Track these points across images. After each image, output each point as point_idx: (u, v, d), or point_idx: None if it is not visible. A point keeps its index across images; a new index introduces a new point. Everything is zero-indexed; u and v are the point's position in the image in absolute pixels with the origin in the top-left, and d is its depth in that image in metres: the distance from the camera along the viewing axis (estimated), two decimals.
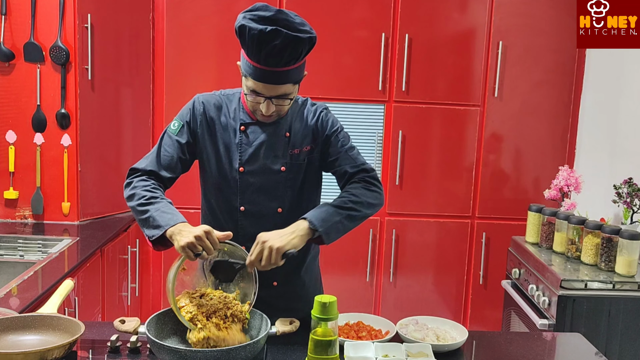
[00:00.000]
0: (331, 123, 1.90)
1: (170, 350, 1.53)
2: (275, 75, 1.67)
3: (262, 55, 1.63)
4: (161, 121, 3.50)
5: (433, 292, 3.67)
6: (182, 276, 1.70)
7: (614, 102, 3.21)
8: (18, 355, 1.47)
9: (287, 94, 1.74)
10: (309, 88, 3.42)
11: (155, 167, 1.81)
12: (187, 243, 1.58)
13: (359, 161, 1.88)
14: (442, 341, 1.79)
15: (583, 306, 2.48)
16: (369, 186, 1.83)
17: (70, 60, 2.97)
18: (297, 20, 1.67)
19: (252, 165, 1.83)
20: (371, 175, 1.86)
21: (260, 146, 1.83)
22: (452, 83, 3.50)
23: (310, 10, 3.38)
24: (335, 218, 1.71)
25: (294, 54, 1.65)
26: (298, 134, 1.86)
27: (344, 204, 1.75)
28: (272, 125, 1.84)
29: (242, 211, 1.85)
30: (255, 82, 1.70)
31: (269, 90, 1.71)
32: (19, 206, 3.05)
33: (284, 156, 1.84)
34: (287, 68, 1.68)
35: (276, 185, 1.84)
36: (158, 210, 1.68)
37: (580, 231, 2.73)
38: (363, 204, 1.78)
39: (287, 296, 1.92)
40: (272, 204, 1.85)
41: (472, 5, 3.45)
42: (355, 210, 1.76)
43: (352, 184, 1.83)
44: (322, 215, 1.70)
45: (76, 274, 2.48)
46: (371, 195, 1.81)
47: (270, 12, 1.64)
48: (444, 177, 3.57)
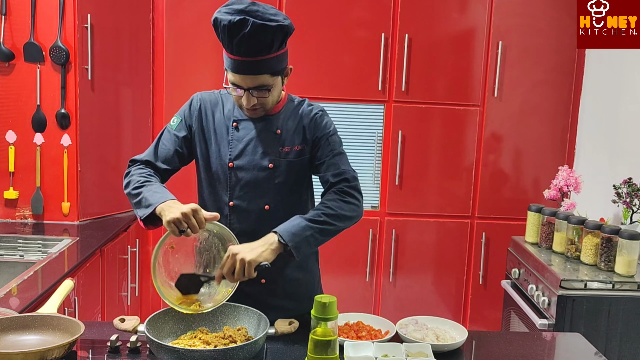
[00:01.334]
0: (324, 125, 1.88)
1: (169, 349, 1.54)
2: (250, 65, 1.70)
3: (234, 45, 1.68)
4: (161, 121, 3.50)
5: (433, 292, 3.67)
6: (169, 256, 1.74)
7: (614, 102, 3.21)
8: (18, 355, 1.47)
9: (265, 85, 1.75)
10: (309, 88, 3.43)
11: (152, 158, 1.87)
12: (173, 218, 1.61)
13: (343, 168, 1.86)
14: (442, 341, 1.79)
15: (583, 306, 2.48)
16: (347, 197, 1.81)
17: (70, 60, 2.97)
18: (270, 11, 1.71)
19: (241, 160, 1.85)
20: (352, 185, 1.83)
21: (249, 142, 1.85)
22: (452, 83, 3.50)
23: (310, 10, 3.38)
24: (307, 232, 1.70)
25: (265, 43, 1.67)
26: (289, 132, 1.87)
27: (318, 217, 1.74)
28: (264, 122, 1.86)
29: (231, 206, 1.87)
30: (233, 74, 1.74)
31: (246, 81, 1.73)
32: (19, 206, 3.05)
33: (273, 153, 1.85)
34: (261, 58, 1.69)
35: (264, 181, 1.85)
36: (150, 191, 1.74)
37: (579, 231, 2.73)
38: (338, 217, 1.76)
39: (277, 293, 1.92)
40: (260, 201, 1.86)
41: (471, 6, 3.45)
42: (329, 224, 1.75)
43: (330, 195, 1.82)
44: (293, 229, 1.69)
45: (76, 274, 2.48)
46: (348, 207, 1.79)
47: (243, 5, 1.69)
48: (444, 177, 3.58)
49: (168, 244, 1.73)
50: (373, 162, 3.56)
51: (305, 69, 3.40)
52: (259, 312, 1.73)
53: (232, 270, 1.64)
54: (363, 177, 3.56)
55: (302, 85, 3.40)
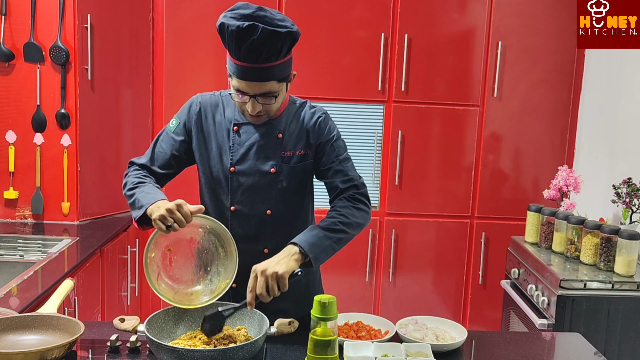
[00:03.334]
0: (328, 130, 1.87)
1: (169, 349, 1.54)
2: (257, 72, 1.67)
3: (242, 51, 1.64)
4: (161, 121, 3.50)
5: (432, 292, 3.67)
6: (169, 260, 1.75)
7: (613, 102, 3.21)
8: (18, 355, 1.47)
9: (272, 92, 1.73)
10: (309, 88, 3.43)
11: (148, 162, 1.88)
12: (159, 216, 1.62)
13: (352, 175, 1.86)
14: (442, 341, 1.79)
15: (582, 306, 2.48)
16: (359, 204, 1.82)
17: (70, 61, 2.97)
18: (277, 16, 1.68)
19: (242, 165, 1.83)
20: (361, 192, 1.84)
21: (251, 147, 1.83)
22: (452, 83, 3.50)
23: (310, 10, 3.39)
24: (325, 243, 1.71)
25: (274, 49, 1.65)
26: (292, 136, 1.85)
27: (334, 225, 1.74)
28: (265, 126, 1.84)
29: (233, 211, 1.86)
30: (239, 80, 1.70)
31: (252, 88, 1.70)
32: (18, 206, 3.06)
33: (275, 158, 1.83)
34: (269, 64, 1.67)
35: (266, 186, 1.84)
36: (142, 192, 1.74)
37: (579, 231, 2.73)
38: (352, 226, 1.78)
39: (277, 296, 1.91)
40: (261, 206, 1.85)
41: (471, 6, 3.45)
42: (345, 233, 1.76)
43: (341, 201, 1.82)
44: (312, 239, 1.69)
45: (76, 274, 2.48)
46: (360, 215, 1.81)
47: (250, 10, 1.65)
48: (444, 177, 3.58)
49: (165, 247, 1.74)
50: (373, 162, 3.56)
51: (305, 69, 3.40)
52: (259, 312, 1.72)
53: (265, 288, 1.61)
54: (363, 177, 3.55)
55: (302, 85, 3.40)
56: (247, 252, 1.79)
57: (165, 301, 1.70)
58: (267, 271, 1.60)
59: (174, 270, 1.76)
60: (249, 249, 1.81)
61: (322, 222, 1.75)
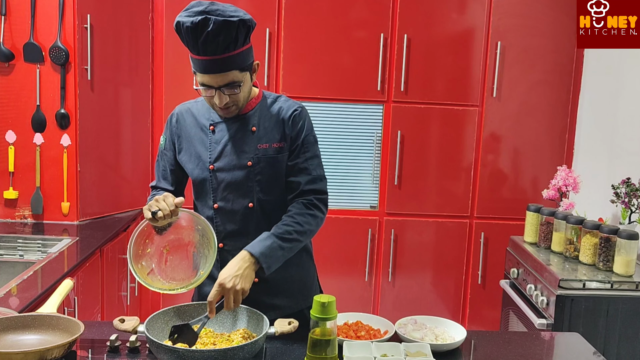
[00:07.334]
0: (301, 124, 1.89)
1: (169, 349, 1.54)
2: (217, 63, 1.72)
3: (200, 45, 1.70)
4: (160, 121, 3.50)
5: (432, 291, 3.67)
6: (164, 260, 1.79)
7: (612, 102, 3.22)
8: (18, 355, 1.47)
9: (235, 81, 1.76)
10: (309, 88, 3.43)
11: (157, 183, 2.00)
12: (147, 205, 1.73)
13: (315, 174, 1.88)
14: (441, 341, 1.79)
15: (581, 306, 2.48)
16: (314, 211, 1.85)
17: (69, 61, 2.98)
18: (230, 8, 1.73)
19: (220, 162, 1.87)
20: (320, 198, 1.87)
21: (227, 143, 1.87)
22: (451, 83, 3.51)
23: (310, 10, 3.39)
24: (279, 253, 1.76)
25: (229, 39, 1.70)
26: (267, 129, 1.88)
27: (288, 235, 1.78)
28: (239, 121, 1.88)
29: (216, 209, 1.89)
30: (202, 75, 1.76)
31: (216, 80, 1.75)
32: (18, 206, 3.06)
33: (251, 151, 1.86)
34: (228, 54, 1.72)
35: (245, 180, 1.87)
36: (151, 197, 1.90)
37: (578, 231, 2.74)
38: (305, 234, 1.82)
39: (270, 292, 1.92)
40: (243, 200, 1.88)
41: (470, 6, 3.45)
42: (298, 241, 1.81)
43: (298, 206, 1.84)
44: (266, 250, 1.73)
45: (76, 274, 2.49)
46: (314, 222, 1.85)
47: (202, 6, 1.71)
48: (443, 177, 3.58)
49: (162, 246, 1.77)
50: (372, 162, 3.56)
51: (304, 69, 3.41)
52: (259, 312, 1.73)
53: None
54: (362, 177, 3.57)
55: (301, 85, 3.40)
56: (235, 248, 1.81)
57: (145, 285, 1.74)
58: (230, 287, 1.66)
59: (170, 271, 1.78)
60: (236, 245, 1.83)
61: (277, 229, 1.78)
